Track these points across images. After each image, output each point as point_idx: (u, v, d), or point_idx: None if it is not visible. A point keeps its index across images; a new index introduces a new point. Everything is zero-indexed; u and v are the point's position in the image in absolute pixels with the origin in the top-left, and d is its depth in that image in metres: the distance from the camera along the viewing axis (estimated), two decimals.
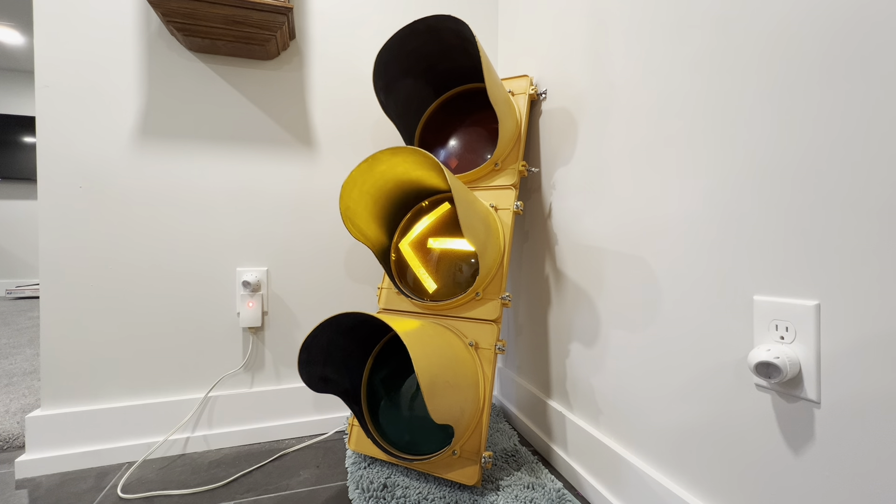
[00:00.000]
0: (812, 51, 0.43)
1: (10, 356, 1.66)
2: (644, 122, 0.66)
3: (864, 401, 0.39)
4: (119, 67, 0.93)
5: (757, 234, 0.49)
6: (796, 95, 0.44)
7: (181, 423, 0.95)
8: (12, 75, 3.72)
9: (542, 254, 0.97)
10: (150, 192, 0.95)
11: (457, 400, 0.72)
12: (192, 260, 0.98)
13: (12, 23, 2.97)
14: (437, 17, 0.83)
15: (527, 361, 1.05)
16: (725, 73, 0.52)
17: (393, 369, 0.91)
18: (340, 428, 1.06)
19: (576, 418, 0.83)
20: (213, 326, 1.00)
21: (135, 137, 0.94)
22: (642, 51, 0.66)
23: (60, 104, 0.90)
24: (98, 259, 0.92)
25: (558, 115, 0.90)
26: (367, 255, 1.12)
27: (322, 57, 1.08)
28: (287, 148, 1.05)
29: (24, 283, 3.63)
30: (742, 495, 0.51)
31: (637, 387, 0.67)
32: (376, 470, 0.82)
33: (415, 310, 0.90)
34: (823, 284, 0.42)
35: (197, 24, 0.87)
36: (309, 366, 0.76)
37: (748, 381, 0.50)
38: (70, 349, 0.90)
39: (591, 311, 0.78)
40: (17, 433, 1.00)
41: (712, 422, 0.54)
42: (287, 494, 0.79)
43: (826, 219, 0.42)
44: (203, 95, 0.99)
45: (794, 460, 0.45)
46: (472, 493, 0.75)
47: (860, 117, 0.39)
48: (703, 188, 0.55)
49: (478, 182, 0.95)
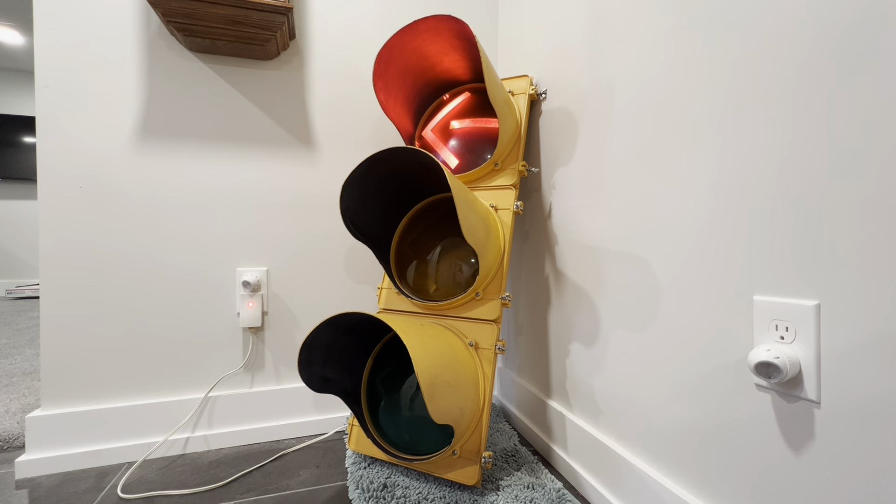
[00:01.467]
0: (812, 51, 0.43)
1: (10, 356, 1.66)
2: (644, 121, 0.66)
3: (864, 401, 0.39)
4: (119, 67, 0.93)
5: (757, 233, 0.49)
6: (796, 95, 0.44)
7: (181, 423, 0.95)
8: (12, 75, 3.72)
9: (542, 254, 0.97)
10: (150, 192, 0.95)
11: (457, 400, 0.72)
12: (192, 260, 0.98)
13: (12, 23, 2.97)
14: (438, 17, 0.83)
15: (527, 361, 1.05)
16: (725, 72, 0.52)
17: (393, 369, 0.91)
18: (340, 428, 1.06)
19: (576, 418, 0.83)
20: (213, 326, 1.00)
21: (135, 137, 0.94)
22: (642, 51, 0.66)
23: (60, 104, 0.90)
24: (98, 259, 0.92)
25: (558, 115, 0.90)
26: (367, 255, 1.12)
27: (322, 57, 1.08)
28: (287, 148, 1.05)
29: (24, 283, 3.63)
30: (742, 495, 0.51)
31: (637, 387, 0.67)
32: (376, 470, 0.82)
33: (415, 310, 0.90)
34: (823, 284, 0.42)
35: (197, 24, 0.87)
36: (309, 366, 0.76)
37: (748, 381, 0.50)
38: (70, 349, 0.90)
39: (591, 311, 0.78)
40: (17, 433, 1.00)
41: (712, 422, 0.54)
42: (287, 494, 0.79)
43: (826, 219, 0.42)
44: (203, 95, 0.99)
45: (794, 460, 0.45)
46: (472, 493, 0.75)
47: (860, 117, 0.39)
48: (703, 188, 0.55)
49: (478, 182, 0.95)
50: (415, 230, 0.99)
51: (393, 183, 0.88)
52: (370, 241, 0.92)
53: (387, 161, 0.80)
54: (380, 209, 0.92)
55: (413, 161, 0.80)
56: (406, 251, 0.98)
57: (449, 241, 0.96)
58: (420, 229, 0.99)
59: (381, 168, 0.82)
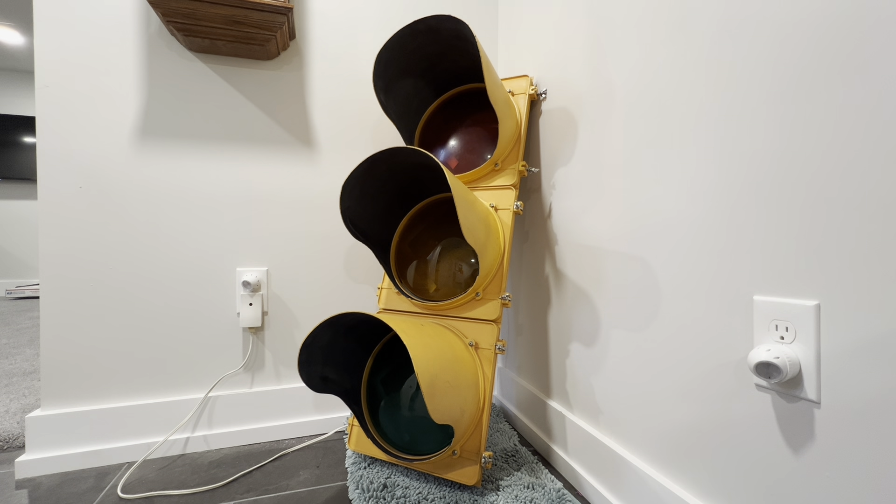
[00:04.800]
0: (813, 51, 0.43)
1: (10, 356, 1.66)
2: (644, 122, 0.66)
3: (864, 401, 0.39)
4: (119, 67, 0.93)
5: (757, 233, 0.49)
6: (797, 95, 0.44)
7: (181, 423, 0.95)
8: (12, 75, 3.72)
9: (542, 254, 0.97)
10: (150, 192, 0.95)
11: (457, 400, 0.72)
12: (191, 260, 0.98)
13: (12, 23, 2.97)
14: (438, 18, 0.83)
15: (527, 361, 1.05)
16: (726, 72, 0.52)
17: (393, 369, 0.91)
18: (340, 428, 1.06)
19: (576, 418, 0.83)
20: (213, 326, 1.00)
21: (135, 137, 0.94)
22: (642, 51, 0.66)
23: (60, 104, 0.90)
24: (98, 259, 0.92)
25: (558, 116, 0.90)
26: (366, 255, 1.12)
27: (322, 57, 1.08)
28: (287, 148, 1.05)
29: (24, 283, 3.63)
30: (742, 495, 0.50)
31: (637, 387, 0.67)
32: (376, 470, 0.82)
33: (415, 310, 0.90)
34: (823, 284, 0.42)
35: (197, 24, 0.87)
36: (309, 366, 0.76)
37: (748, 381, 0.50)
38: (70, 349, 0.90)
39: (591, 311, 0.78)
40: (17, 433, 1.00)
41: (712, 422, 0.54)
42: (287, 494, 0.79)
43: (826, 219, 0.42)
44: (203, 95, 0.99)
45: (794, 460, 0.45)
46: (472, 493, 0.75)
47: (860, 117, 0.39)
48: (703, 188, 0.55)
49: (478, 182, 0.95)
50: (415, 230, 0.99)
51: (393, 183, 0.88)
52: (370, 241, 0.92)
53: (387, 161, 0.80)
54: (380, 209, 0.92)
55: (413, 161, 0.80)
56: (406, 251, 0.98)
57: (449, 241, 0.96)
58: (420, 229, 0.99)
59: (381, 168, 0.82)
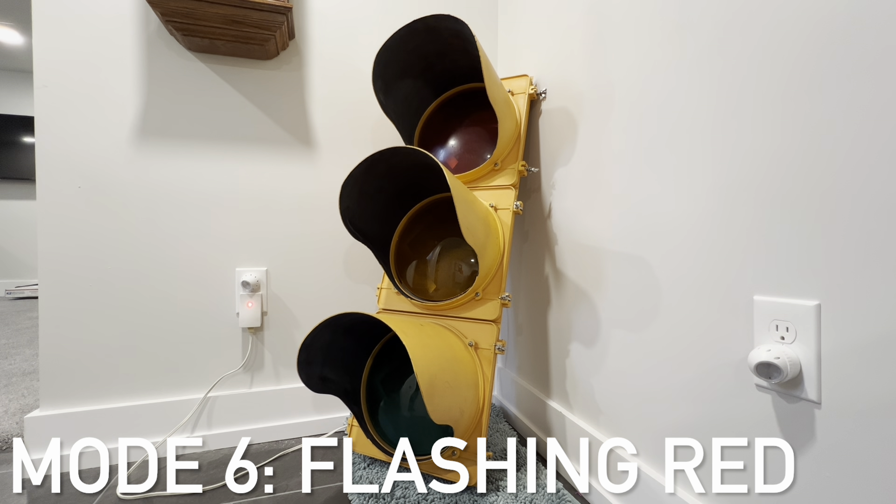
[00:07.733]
0: (813, 50, 0.43)
1: (9, 356, 1.66)
2: (644, 121, 0.66)
3: (864, 401, 0.39)
4: (118, 67, 0.93)
5: (757, 233, 0.48)
6: (797, 95, 0.44)
7: (181, 423, 0.95)
8: (12, 75, 3.72)
9: (542, 254, 0.97)
10: (150, 191, 0.95)
11: (456, 400, 0.72)
12: (191, 260, 0.98)
13: (12, 23, 2.96)
14: (437, 17, 0.83)
15: (527, 361, 1.05)
16: (726, 72, 0.52)
17: (393, 369, 0.91)
18: (340, 428, 1.06)
19: (576, 418, 0.83)
20: (212, 326, 1.00)
21: (134, 137, 0.94)
22: (642, 51, 0.66)
23: (59, 104, 0.89)
24: (97, 259, 0.92)
25: (558, 115, 0.90)
26: (366, 255, 1.12)
27: (321, 57, 1.08)
28: (287, 148, 1.05)
29: (24, 283, 3.62)
30: (742, 496, 0.50)
31: (637, 387, 0.67)
32: (376, 470, 0.82)
33: (414, 310, 0.90)
34: (823, 284, 0.42)
35: (196, 23, 0.87)
36: (308, 366, 0.76)
37: (748, 381, 0.49)
38: (69, 349, 0.90)
39: (591, 311, 0.78)
40: (16, 433, 1.00)
41: (712, 422, 0.54)
42: (287, 494, 0.79)
43: (826, 219, 0.42)
44: (202, 95, 0.98)
45: (794, 461, 0.45)
46: (471, 493, 0.75)
47: (860, 117, 0.39)
48: (703, 188, 0.55)
49: (477, 182, 0.95)
50: (414, 230, 0.99)
51: (392, 183, 0.88)
52: (369, 241, 0.91)
53: (386, 161, 0.79)
54: (379, 209, 0.92)
55: (412, 161, 0.80)
56: (405, 251, 0.98)
57: (448, 241, 0.96)
58: (419, 229, 0.99)
59: (380, 168, 0.81)
